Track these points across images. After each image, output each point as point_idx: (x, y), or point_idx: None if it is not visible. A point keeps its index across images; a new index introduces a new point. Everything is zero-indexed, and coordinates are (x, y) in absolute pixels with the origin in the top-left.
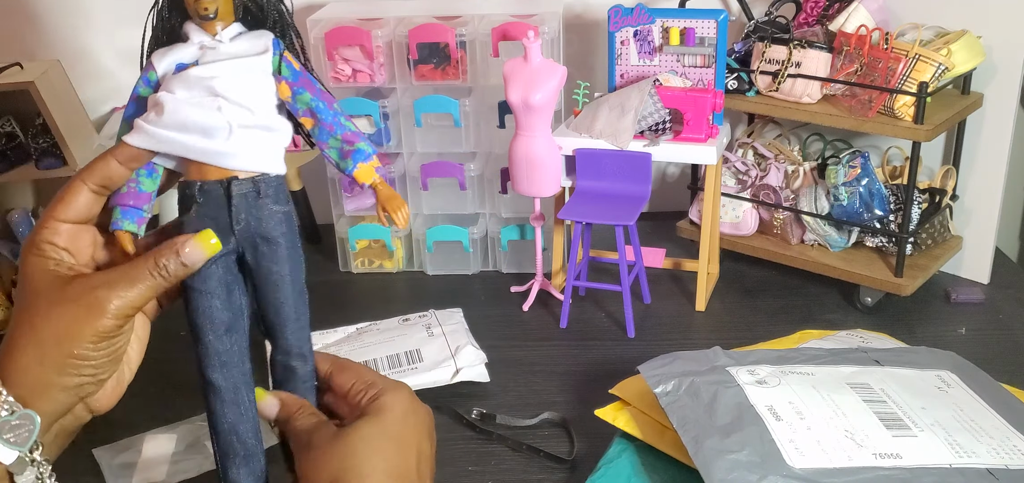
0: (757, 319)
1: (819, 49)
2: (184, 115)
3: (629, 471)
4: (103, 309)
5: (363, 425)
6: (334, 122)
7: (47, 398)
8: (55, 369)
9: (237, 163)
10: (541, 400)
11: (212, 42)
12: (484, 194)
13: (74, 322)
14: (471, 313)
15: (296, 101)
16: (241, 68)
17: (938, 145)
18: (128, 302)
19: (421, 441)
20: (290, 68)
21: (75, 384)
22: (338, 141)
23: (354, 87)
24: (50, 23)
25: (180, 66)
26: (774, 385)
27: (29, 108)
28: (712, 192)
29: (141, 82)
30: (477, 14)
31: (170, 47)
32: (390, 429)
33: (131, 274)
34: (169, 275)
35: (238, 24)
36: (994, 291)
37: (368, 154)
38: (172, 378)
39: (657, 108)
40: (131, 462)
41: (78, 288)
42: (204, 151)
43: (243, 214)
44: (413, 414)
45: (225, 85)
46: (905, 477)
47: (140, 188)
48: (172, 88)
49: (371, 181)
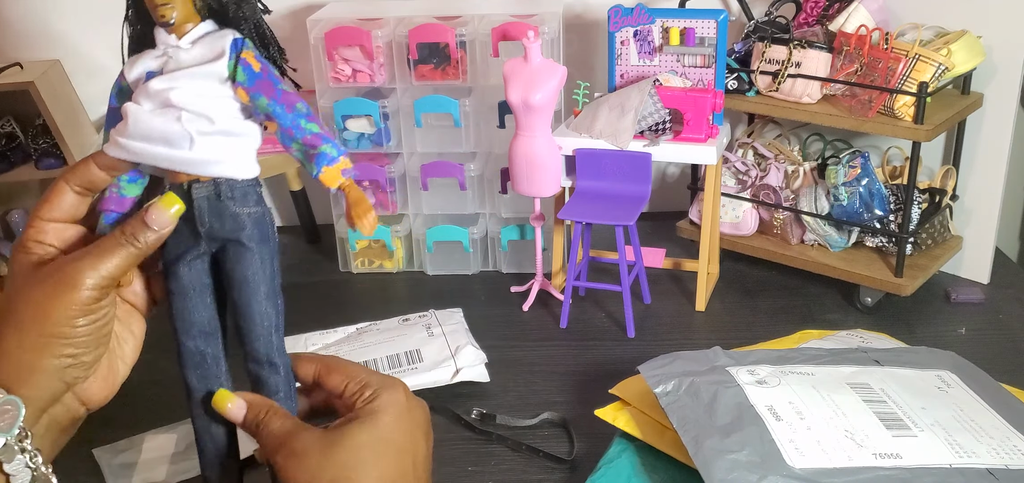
0: (757, 319)
1: (819, 49)
2: (146, 127)
3: (629, 471)
4: (77, 281)
5: (357, 431)
6: (293, 126)
7: (31, 383)
8: (36, 350)
9: (204, 170)
10: (541, 400)
11: (173, 50)
12: (484, 194)
13: (49, 298)
14: (471, 313)
15: (255, 105)
16: (197, 76)
17: (938, 145)
18: (102, 273)
19: (417, 442)
20: (247, 71)
21: (57, 366)
22: (300, 145)
23: (354, 87)
24: (50, 23)
25: (149, 74)
26: (774, 385)
27: (29, 108)
28: (712, 192)
29: (114, 90)
30: (477, 14)
31: (140, 54)
32: (385, 433)
33: (102, 246)
34: (140, 242)
35: (207, 24)
36: (994, 291)
37: (333, 157)
38: (172, 378)
39: (657, 108)
40: (131, 462)
41: (51, 266)
42: (170, 159)
43: (206, 216)
44: (408, 414)
45: (181, 96)
46: (905, 477)
47: (121, 193)
48: (138, 99)
49: (337, 185)
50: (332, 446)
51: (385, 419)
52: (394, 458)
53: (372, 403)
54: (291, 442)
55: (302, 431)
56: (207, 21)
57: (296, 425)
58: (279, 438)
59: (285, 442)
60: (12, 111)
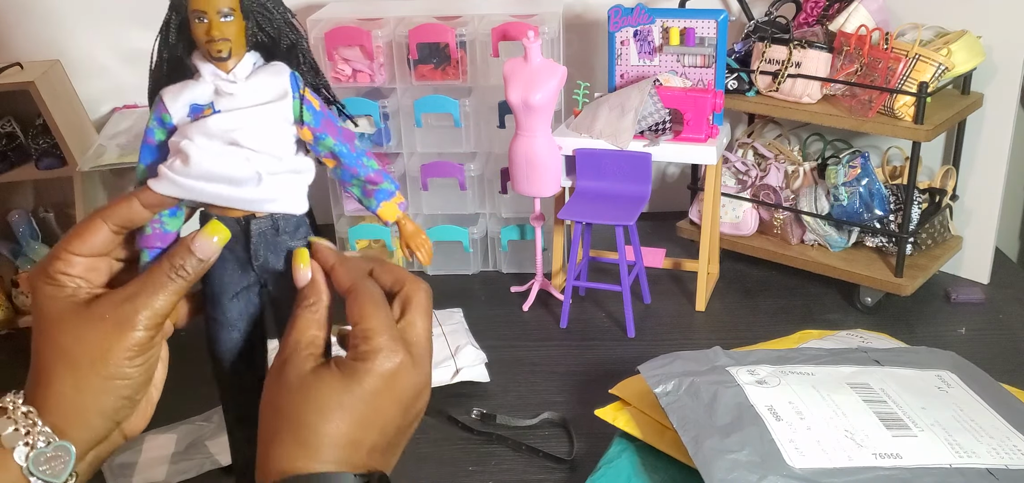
0: (757, 319)
1: (819, 49)
2: (210, 166)
3: (629, 471)
4: (133, 322)
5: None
6: (357, 164)
7: (84, 425)
8: (94, 393)
9: (264, 207)
10: (541, 400)
11: (228, 84)
12: (484, 194)
13: (106, 339)
14: (471, 313)
15: (318, 145)
16: (263, 116)
17: (938, 145)
18: (155, 310)
19: (390, 415)
20: (311, 111)
21: (112, 407)
22: (361, 182)
23: (354, 87)
24: (50, 23)
25: (195, 108)
26: (774, 385)
27: (29, 108)
28: (712, 192)
29: (154, 123)
30: (477, 14)
31: (182, 85)
32: (356, 397)
33: (152, 282)
34: (188, 273)
35: (251, 55)
36: (994, 291)
37: (391, 192)
38: (172, 378)
39: (657, 108)
40: (131, 462)
41: (103, 306)
42: (232, 198)
43: (261, 250)
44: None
45: (249, 137)
46: (905, 477)
47: (165, 228)
48: (191, 135)
49: (395, 218)
50: (304, 386)
51: (366, 382)
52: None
53: (364, 361)
54: (291, 351)
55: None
56: (252, 52)
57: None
58: (293, 337)
59: (291, 344)
60: (12, 111)
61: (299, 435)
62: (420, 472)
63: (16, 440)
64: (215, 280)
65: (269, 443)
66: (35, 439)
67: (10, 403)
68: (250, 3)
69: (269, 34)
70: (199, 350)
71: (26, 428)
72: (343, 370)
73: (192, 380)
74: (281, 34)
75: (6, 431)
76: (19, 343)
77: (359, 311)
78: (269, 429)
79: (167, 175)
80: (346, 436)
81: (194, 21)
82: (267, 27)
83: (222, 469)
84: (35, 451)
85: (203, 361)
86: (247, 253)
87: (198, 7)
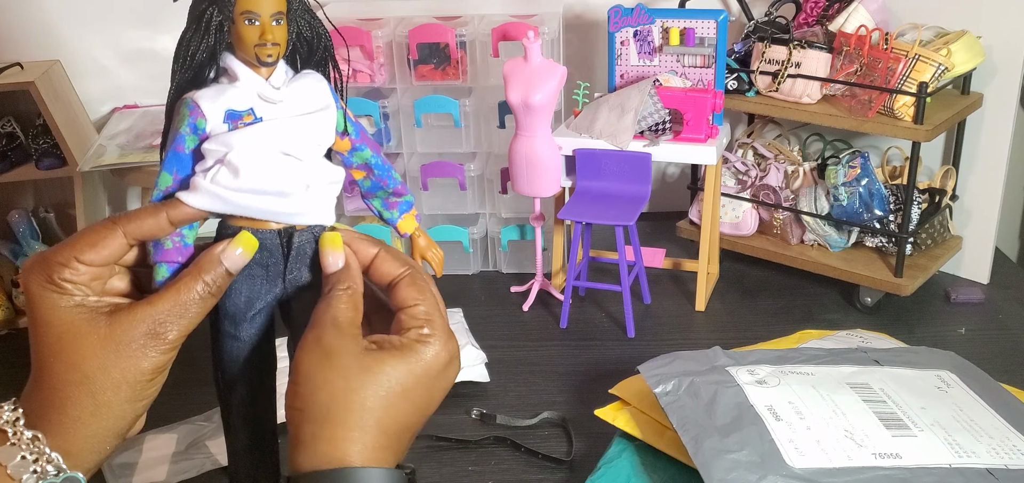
0: (757, 319)
1: (819, 49)
2: (263, 179)
3: (629, 471)
4: (166, 341)
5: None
6: (387, 176)
7: (96, 449)
8: (112, 417)
9: (305, 218)
10: (541, 400)
11: (270, 91)
12: (484, 194)
13: (131, 361)
14: (471, 313)
15: (353, 156)
16: (312, 126)
17: (938, 145)
18: (183, 330)
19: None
20: (354, 125)
21: (127, 426)
22: (387, 193)
23: (354, 87)
24: (50, 23)
25: (232, 114)
26: (774, 385)
27: (29, 108)
28: (712, 192)
29: (187, 129)
30: (477, 14)
31: (218, 89)
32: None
33: (179, 300)
34: (217, 287)
35: (281, 63)
36: (994, 291)
37: (411, 204)
38: (172, 378)
39: (657, 108)
40: (131, 462)
41: (126, 326)
42: (277, 212)
43: (296, 264)
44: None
45: (302, 147)
46: (905, 477)
47: (185, 242)
48: (234, 144)
49: (413, 230)
50: (359, 367)
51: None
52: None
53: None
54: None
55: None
56: (281, 59)
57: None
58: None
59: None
60: (12, 111)
61: (363, 422)
62: (420, 472)
63: (24, 469)
64: (236, 294)
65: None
66: (44, 467)
67: (9, 426)
68: (297, 7)
69: (308, 41)
70: (199, 350)
71: (34, 455)
72: (404, 353)
73: (192, 380)
74: (320, 41)
75: (12, 460)
76: (19, 343)
77: (417, 293)
78: (317, 410)
79: (207, 188)
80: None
81: (243, 23)
82: (307, 33)
83: (222, 469)
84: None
85: (203, 361)
86: (283, 266)
87: (249, 8)
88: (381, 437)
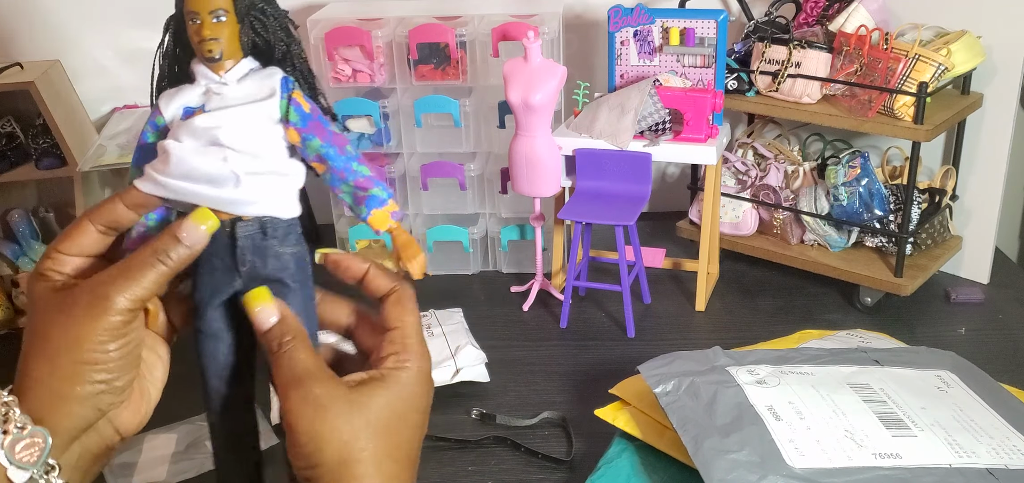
0: (757, 319)
1: (819, 49)
2: (190, 165)
3: (629, 471)
4: (109, 305)
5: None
6: (346, 168)
7: (63, 412)
8: (68, 378)
9: (248, 209)
10: (541, 400)
11: (218, 85)
12: (484, 194)
13: (80, 323)
14: (471, 313)
15: (305, 147)
16: (247, 115)
17: (938, 145)
18: (135, 294)
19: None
20: (299, 112)
21: (90, 392)
22: (350, 187)
23: (354, 87)
24: (50, 23)
25: (187, 110)
26: (774, 385)
27: (29, 108)
28: (712, 192)
29: (148, 126)
30: (477, 14)
31: (177, 89)
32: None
33: (132, 266)
34: (171, 259)
35: (248, 60)
36: (994, 291)
37: (383, 199)
38: (172, 378)
39: (657, 108)
40: (131, 462)
41: (81, 290)
42: (214, 199)
43: (248, 255)
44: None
45: (230, 135)
46: (905, 477)
47: (149, 232)
48: (179, 136)
49: (387, 227)
50: (354, 407)
51: (408, 389)
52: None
53: (402, 369)
54: (312, 386)
55: (326, 379)
56: (248, 57)
57: (320, 368)
58: (301, 375)
59: (305, 382)
60: (12, 111)
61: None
62: (419, 471)
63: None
64: (200, 286)
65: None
66: (11, 426)
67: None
68: (244, 6)
69: (264, 37)
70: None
71: (3, 416)
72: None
73: (192, 380)
74: (276, 39)
75: None
76: (19, 343)
77: (399, 313)
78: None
79: (151, 175)
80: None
81: (189, 22)
82: (261, 31)
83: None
84: (10, 437)
85: None
86: (233, 258)
87: (192, 8)
88: (394, 466)
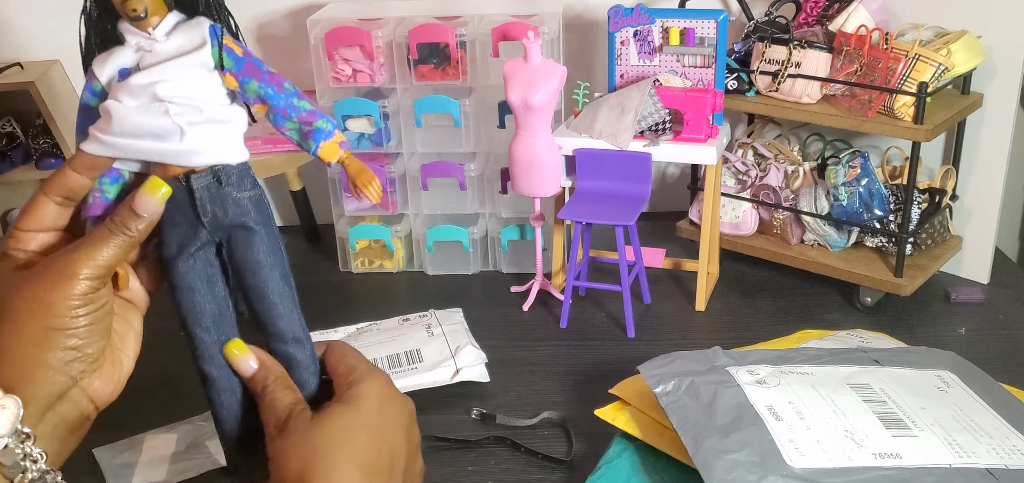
0: (757, 319)
1: (819, 49)
2: (133, 123)
3: (629, 471)
4: (73, 271)
5: (336, 413)
6: (287, 106)
7: (34, 379)
8: (37, 345)
9: (197, 159)
10: (541, 400)
11: (148, 42)
12: (484, 194)
13: (47, 291)
14: (471, 313)
15: (244, 91)
16: (182, 67)
17: (938, 145)
18: (98, 263)
19: (396, 435)
20: (232, 56)
21: (61, 359)
22: (295, 124)
23: (354, 87)
24: (50, 23)
25: (123, 71)
26: (774, 385)
27: (29, 108)
28: (712, 192)
29: (86, 92)
30: (477, 14)
31: (109, 52)
32: (363, 418)
33: (94, 238)
34: (131, 230)
35: (173, 14)
36: (994, 291)
37: (329, 131)
38: (172, 378)
39: (657, 108)
40: (131, 462)
41: (44, 261)
42: (161, 152)
43: (208, 205)
44: (390, 404)
45: (168, 89)
46: (905, 477)
47: (105, 197)
48: (118, 97)
49: (336, 158)
50: (313, 428)
51: (365, 404)
52: (370, 444)
53: (354, 387)
54: (286, 418)
55: (298, 410)
56: (173, 12)
57: (296, 402)
58: (279, 412)
59: (281, 416)
60: (12, 111)
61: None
62: None
63: None
64: (168, 245)
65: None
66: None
67: None
68: None
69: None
70: None
71: None
72: (344, 401)
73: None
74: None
75: None
76: None
77: (337, 355)
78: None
79: (96, 135)
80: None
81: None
82: None
83: (222, 469)
84: None
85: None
86: (194, 211)
87: None
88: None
